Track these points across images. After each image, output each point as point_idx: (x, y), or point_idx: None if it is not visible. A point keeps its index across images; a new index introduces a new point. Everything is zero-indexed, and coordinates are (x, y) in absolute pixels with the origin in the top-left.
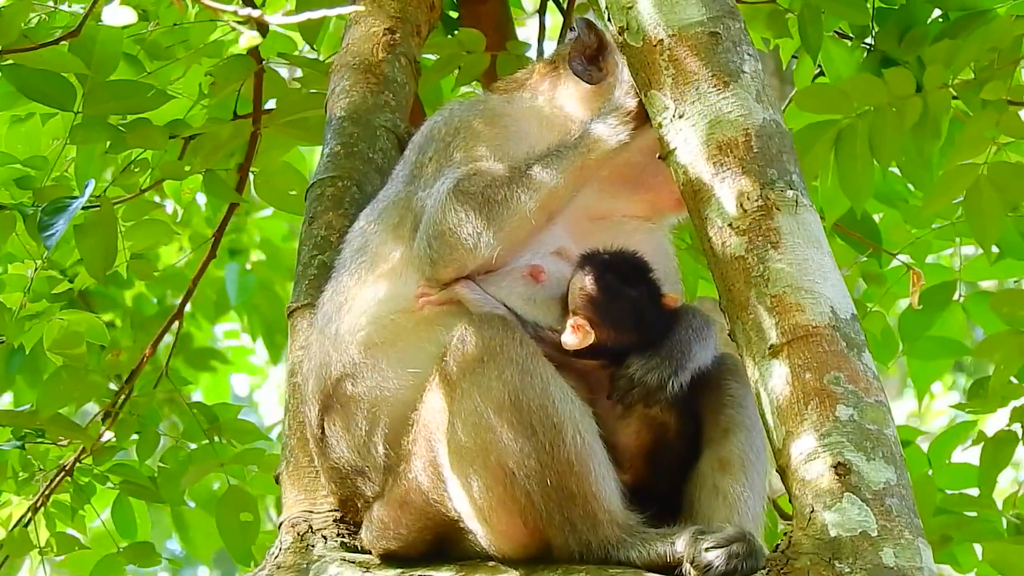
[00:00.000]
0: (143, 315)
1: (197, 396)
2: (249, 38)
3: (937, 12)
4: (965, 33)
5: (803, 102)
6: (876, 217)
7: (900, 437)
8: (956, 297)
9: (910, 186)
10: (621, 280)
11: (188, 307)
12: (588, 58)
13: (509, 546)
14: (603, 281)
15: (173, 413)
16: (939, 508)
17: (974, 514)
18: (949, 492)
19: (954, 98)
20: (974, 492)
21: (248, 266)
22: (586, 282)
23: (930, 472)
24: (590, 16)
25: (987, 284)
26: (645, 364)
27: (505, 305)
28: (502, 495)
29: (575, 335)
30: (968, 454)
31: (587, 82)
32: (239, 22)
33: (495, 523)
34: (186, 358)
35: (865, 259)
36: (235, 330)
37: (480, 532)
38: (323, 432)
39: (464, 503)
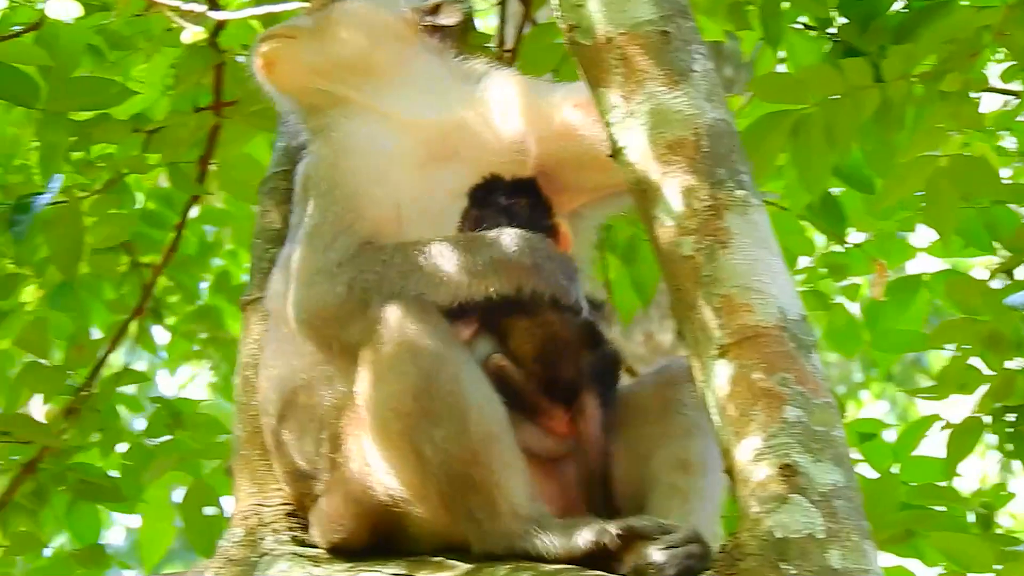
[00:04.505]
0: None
1: None
2: (193, 33)
3: (900, 3)
4: (926, 24)
5: (760, 91)
6: (835, 191)
7: (866, 429)
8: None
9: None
10: (503, 193)
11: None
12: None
13: (434, 535)
14: (484, 194)
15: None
16: (904, 503)
17: (943, 508)
18: (914, 485)
19: (914, 83)
20: (940, 484)
21: None
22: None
23: (896, 468)
24: None
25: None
26: None
27: None
28: (419, 484)
29: None
30: (931, 447)
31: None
32: (185, 16)
33: (419, 511)
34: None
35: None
36: None
37: (410, 520)
38: (279, 440)
39: (391, 491)
